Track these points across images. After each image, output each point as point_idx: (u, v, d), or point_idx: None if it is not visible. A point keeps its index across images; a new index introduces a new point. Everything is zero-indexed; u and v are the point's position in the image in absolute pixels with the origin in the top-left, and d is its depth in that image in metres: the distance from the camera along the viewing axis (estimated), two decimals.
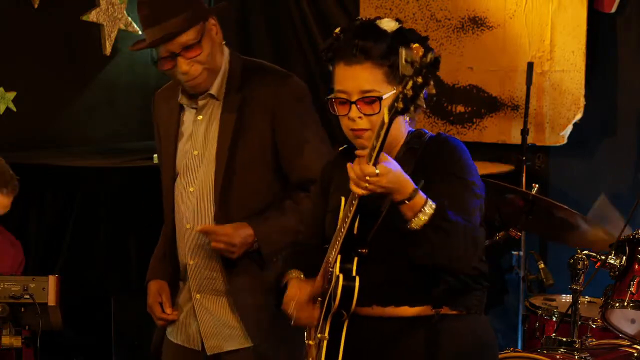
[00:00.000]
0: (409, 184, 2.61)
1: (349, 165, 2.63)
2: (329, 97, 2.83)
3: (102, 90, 6.16)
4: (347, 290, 2.69)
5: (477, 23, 5.68)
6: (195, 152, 3.43)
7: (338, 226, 2.76)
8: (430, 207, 2.61)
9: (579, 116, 5.42)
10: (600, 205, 4.61)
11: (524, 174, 5.17)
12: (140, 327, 4.83)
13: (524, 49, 5.54)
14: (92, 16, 5.92)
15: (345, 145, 2.98)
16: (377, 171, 2.56)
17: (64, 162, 5.28)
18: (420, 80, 2.41)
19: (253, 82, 3.40)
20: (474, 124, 5.69)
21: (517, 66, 5.55)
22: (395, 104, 2.47)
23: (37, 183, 5.09)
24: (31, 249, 5.04)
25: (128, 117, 6.34)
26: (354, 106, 2.75)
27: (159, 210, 4.91)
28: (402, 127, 2.82)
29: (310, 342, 2.90)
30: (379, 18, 2.80)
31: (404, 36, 2.75)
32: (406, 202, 2.61)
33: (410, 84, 2.43)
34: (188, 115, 3.47)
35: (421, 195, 2.62)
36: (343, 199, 2.78)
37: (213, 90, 3.40)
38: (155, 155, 5.12)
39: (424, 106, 2.70)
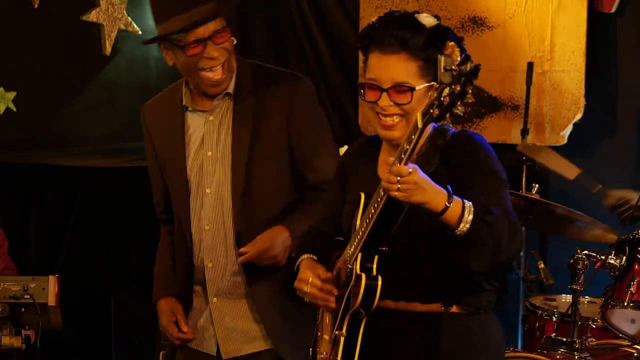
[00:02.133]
0: (440, 189, 2.59)
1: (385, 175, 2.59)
2: (360, 82, 2.81)
3: (102, 90, 6.15)
4: (370, 289, 2.69)
5: (477, 23, 5.68)
6: (209, 154, 3.42)
7: (358, 224, 2.75)
8: (470, 208, 2.60)
9: (579, 116, 5.42)
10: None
11: (524, 174, 5.17)
12: (140, 327, 4.83)
13: (524, 49, 5.54)
14: (92, 16, 5.92)
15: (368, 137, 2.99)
16: (410, 170, 2.53)
17: (64, 162, 5.28)
18: (458, 88, 2.39)
19: (266, 84, 3.40)
20: (474, 123, 5.69)
21: (517, 66, 5.55)
22: (431, 110, 2.44)
23: (37, 183, 5.09)
24: (31, 249, 5.04)
25: (128, 117, 6.32)
26: (384, 94, 2.74)
27: None
28: None
29: (325, 336, 2.90)
30: (418, 12, 2.80)
31: (442, 33, 2.75)
32: (448, 205, 2.58)
33: (447, 90, 2.40)
34: (194, 118, 3.45)
35: (457, 199, 2.60)
36: (363, 195, 2.78)
37: (230, 89, 3.39)
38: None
39: (462, 114, 2.57)
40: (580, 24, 5.37)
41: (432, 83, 2.74)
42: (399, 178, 2.53)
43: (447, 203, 2.57)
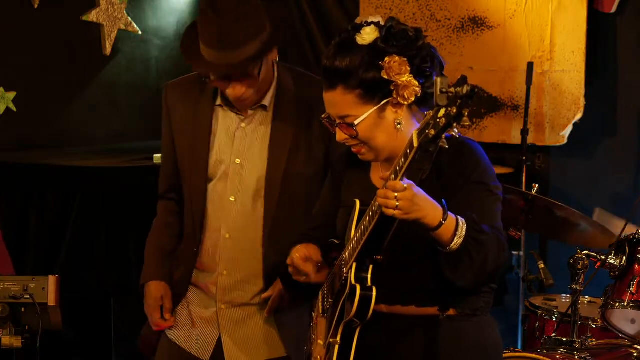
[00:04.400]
0: (436, 205, 2.59)
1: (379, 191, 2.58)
2: (322, 117, 2.82)
3: (102, 90, 6.15)
4: (365, 300, 2.68)
5: (477, 23, 5.68)
6: (238, 161, 3.31)
7: (353, 233, 2.75)
8: (463, 224, 2.60)
9: (579, 116, 5.43)
10: (598, 217, 4.61)
11: (524, 174, 5.17)
12: (140, 327, 4.83)
13: (524, 49, 5.54)
14: (92, 16, 5.92)
15: None
16: (406, 185, 2.52)
17: (64, 162, 5.27)
18: (454, 110, 2.37)
19: (307, 94, 3.27)
20: (474, 124, 5.69)
21: (517, 66, 5.56)
22: (427, 131, 2.42)
23: (37, 183, 5.09)
24: (31, 249, 5.04)
25: (128, 117, 6.33)
26: (337, 129, 2.76)
27: None
28: (392, 134, 2.77)
29: (320, 341, 2.90)
30: (362, 27, 2.73)
31: (379, 50, 2.69)
32: (443, 222, 2.57)
33: (442, 112, 2.38)
34: (227, 117, 3.33)
35: (451, 215, 2.60)
36: (358, 202, 2.77)
37: (266, 102, 3.28)
38: (158, 155, 5.13)
39: (456, 135, 2.49)
40: (580, 24, 5.37)
41: (383, 102, 2.71)
42: (396, 194, 2.53)
43: (442, 220, 2.57)
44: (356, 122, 2.71)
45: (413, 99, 2.69)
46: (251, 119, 3.32)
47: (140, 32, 6.19)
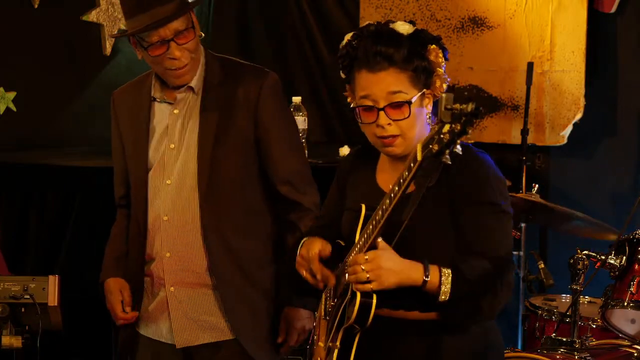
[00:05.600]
0: (414, 264, 2.62)
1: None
2: (354, 106, 2.81)
3: (102, 90, 6.14)
4: (364, 307, 2.68)
5: (477, 23, 5.68)
6: (172, 146, 3.44)
7: (357, 238, 2.74)
8: (447, 276, 2.63)
9: (579, 116, 5.43)
10: None
11: (524, 174, 5.17)
12: None
13: (524, 49, 5.54)
14: (92, 16, 5.92)
15: (360, 146, 2.99)
16: (367, 257, 2.58)
17: (64, 162, 5.28)
18: (458, 127, 2.37)
19: (234, 78, 3.42)
20: (474, 123, 5.69)
21: (517, 66, 5.56)
22: (430, 146, 2.42)
23: (37, 183, 5.09)
24: (31, 249, 5.04)
25: None
26: (382, 113, 2.73)
27: None
28: (424, 129, 2.78)
29: (321, 343, 2.90)
30: (392, 21, 2.78)
31: (421, 38, 2.75)
32: (425, 278, 2.61)
33: (447, 127, 2.39)
34: (160, 109, 3.49)
35: (433, 267, 2.62)
36: (364, 207, 2.77)
37: (193, 84, 3.42)
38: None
39: (459, 152, 2.47)
40: (580, 24, 5.37)
41: (424, 91, 2.75)
42: (362, 267, 2.57)
43: (424, 277, 2.61)
44: (413, 99, 2.71)
45: (443, 90, 2.72)
46: (182, 105, 3.45)
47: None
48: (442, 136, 2.39)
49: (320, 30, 6.25)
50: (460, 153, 2.44)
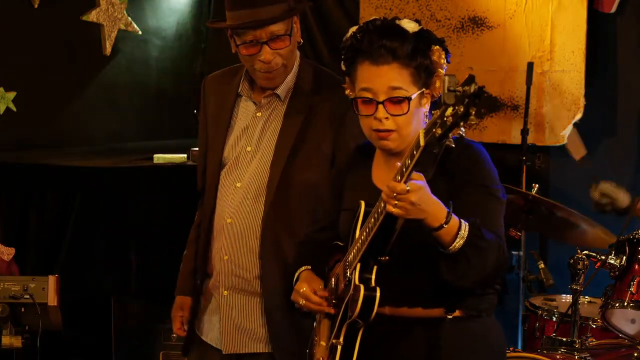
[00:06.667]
0: (441, 207, 2.59)
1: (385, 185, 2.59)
2: (352, 97, 2.81)
3: (102, 90, 6.15)
4: (368, 300, 2.68)
5: (477, 23, 5.68)
6: (249, 148, 3.38)
7: (358, 234, 2.75)
8: (465, 229, 2.61)
9: (579, 116, 5.42)
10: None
11: (524, 174, 5.17)
12: (140, 327, 4.83)
13: (524, 49, 5.54)
14: (92, 16, 5.92)
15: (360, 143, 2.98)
16: (408, 187, 2.52)
17: (64, 162, 5.27)
18: (461, 109, 2.37)
19: (324, 89, 3.35)
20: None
21: (517, 66, 5.56)
22: (433, 130, 2.43)
23: (37, 183, 5.09)
24: (31, 249, 5.04)
25: (128, 117, 6.34)
26: (380, 106, 2.74)
27: (159, 210, 4.92)
28: (419, 127, 2.76)
29: (322, 342, 2.90)
30: (398, 18, 2.80)
31: (425, 37, 2.76)
32: (444, 226, 2.58)
33: (450, 111, 2.39)
34: (245, 107, 3.43)
35: (455, 218, 2.60)
36: (363, 204, 2.77)
37: (279, 91, 3.36)
38: (157, 155, 5.13)
39: (463, 134, 2.49)
40: (580, 24, 5.37)
41: (423, 90, 2.76)
42: (394, 194, 2.53)
43: (443, 223, 2.58)
44: (412, 96, 2.72)
45: (441, 92, 2.71)
46: (266, 109, 3.39)
47: (140, 32, 6.19)
48: (445, 119, 2.40)
49: (320, 31, 6.25)
50: (464, 137, 2.47)
